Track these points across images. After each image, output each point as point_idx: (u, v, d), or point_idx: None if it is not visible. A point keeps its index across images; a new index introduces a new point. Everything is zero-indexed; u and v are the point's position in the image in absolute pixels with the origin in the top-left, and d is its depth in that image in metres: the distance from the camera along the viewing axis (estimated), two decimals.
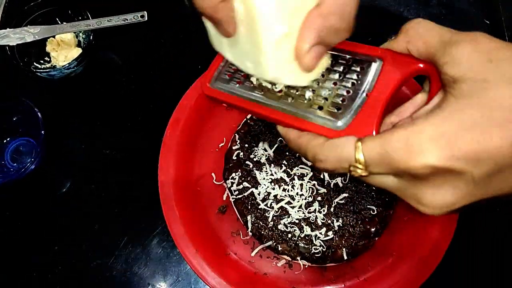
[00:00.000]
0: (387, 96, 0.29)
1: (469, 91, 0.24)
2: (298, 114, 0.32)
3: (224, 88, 0.37)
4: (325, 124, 0.30)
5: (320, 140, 0.30)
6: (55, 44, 0.62)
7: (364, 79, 0.31)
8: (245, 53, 0.32)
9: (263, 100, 0.34)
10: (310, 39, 0.29)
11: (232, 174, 0.54)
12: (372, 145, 0.26)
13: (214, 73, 0.38)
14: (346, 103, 0.31)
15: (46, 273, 0.53)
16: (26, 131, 0.58)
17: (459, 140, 0.24)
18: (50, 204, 0.57)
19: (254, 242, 0.53)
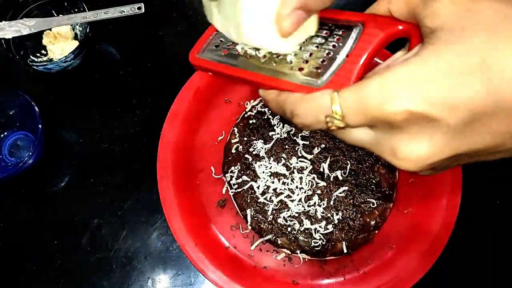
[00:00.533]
0: (367, 55, 0.29)
1: (446, 39, 0.24)
2: (279, 76, 0.32)
3: (210, 57, 0.37)
4: (304, 83, 0.31)
5: (297, 95, 0.30)
6: (52, 37, 0.62)
7: (345, 42, 0.31)
8: (228, 18, 0.33)
9: (246, 65, 0.35)
10: (293, 3, 0.29)
11: (231, 168, 0.53)
12: (348, 94, 0.26)
13: (203, 45, 0.39)
14: (325, 63, 0.31)
15: (46, 268, 0.53)
16: (23, 125, 0.58)
17: (434, 85, 0.23)
18: (49, 199, 0.56)
19: (253, 235, 0.53)
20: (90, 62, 0.62)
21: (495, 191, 0.55)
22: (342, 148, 0.53)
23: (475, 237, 0.53)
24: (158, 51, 0.63)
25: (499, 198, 0.55)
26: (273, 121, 0.55)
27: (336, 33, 0.32)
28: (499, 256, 0.53)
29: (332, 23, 0.33)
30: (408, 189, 0.54)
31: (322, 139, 0.53)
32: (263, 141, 0.54)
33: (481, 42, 0.23)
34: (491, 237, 0.53)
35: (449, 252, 0.49)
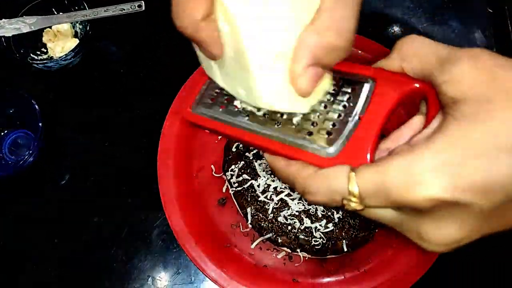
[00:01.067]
0: (381, 119, 0.27)
1: (471, 113, 0.22)
2: (286, 140, 0.29)
3: (207, 113, 0.34)
4: (315, 151, 0.28)
5: (309, 170, 0.27)
6: (52, 35, 0.62)
7: (356, 101, 0.28)
8: (235, 78, 0.29)
9: (248, 126, 0.31)
10: (305, 59, 0.26)
11: (232, 166, 0.53)
12: (367, 175, 0.24)
13: (196, 97, 0.35)
14: (337, 127, 0.28)
15: (46, 266, 0.53)
16: (23, 123, 0.58)
17: (464, 169, 0.21)
18: (49, 197, 0.56)
19: (254, 234, 0.53)
20: (90, 60, 0.62)
21: None
22: None
23: None
24: (158, 49, 0.63)
25: None
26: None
27: (345, 90, 0.29)
28: (500, 255, 0.53)
29: (338, 76, 0.30)
30: None
31: None
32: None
33: (509, 118, 0.21)
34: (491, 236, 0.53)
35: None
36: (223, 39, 0.27)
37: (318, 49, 0.26)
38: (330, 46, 0.26)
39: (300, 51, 0.26)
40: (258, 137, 0.31)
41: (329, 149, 0.27)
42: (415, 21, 0.63)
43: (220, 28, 0.26)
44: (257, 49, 0.26)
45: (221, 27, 0.26)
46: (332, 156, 0.27)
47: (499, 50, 0.61)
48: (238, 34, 0.25)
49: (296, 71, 0.26)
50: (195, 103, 0.35)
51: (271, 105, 0.28)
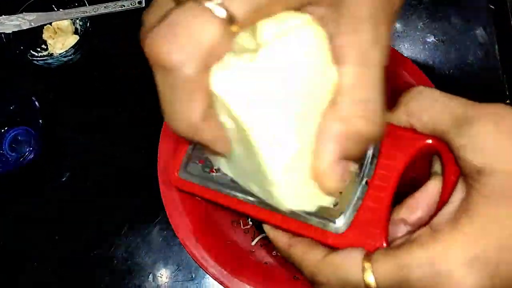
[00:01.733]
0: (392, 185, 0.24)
1: (502, 190, 0.19)
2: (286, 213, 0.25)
3: (195, 178, 0.30)
4: (321, 225, 0.25)
5: (317, 254, 0.24)
6: (52, 31, 0.61)
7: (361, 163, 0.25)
8: (247, 173, 0.25)
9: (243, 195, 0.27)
10: (331, 154, 0.21)
11: None
12: (386, 266, 0.21)
13: (183, 158, 0.31)
14: (343, 195, 0.25)
15: (46, 263, 0.53)
16: (24, 120, 0.57)
17: (501, 264, 0.19)
18: (49, 196, 0.56)
19: (254, 231, 0.53)
20: (90, 56, 0.62)
21: None
22: None
23: None
24: None
25: None
26: None
27: None
28: None
29: None
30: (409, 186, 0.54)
31: None
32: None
33: None
34: None
35: None
36: (229, 134, 0.22)
37: (344, 139, 0.21)
38: (359, 135, 0.21)
39: (324, 145, 0.21)
40: (256, 207, 0.27)
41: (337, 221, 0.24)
42: (416, 17, 0.62)
43: (223, 123, 0.22)
44: (273, 152, 0.21)
45: (225, 122, 0.22)
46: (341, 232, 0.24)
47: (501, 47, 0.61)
48: (249, 138, 0.21)
49: (322, 168, 0.22)
50: (183, 165, 0.31)
51: (294, 209, 0.24)
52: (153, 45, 0.20)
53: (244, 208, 0.28)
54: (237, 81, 0.20)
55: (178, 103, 0.21)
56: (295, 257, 0.25)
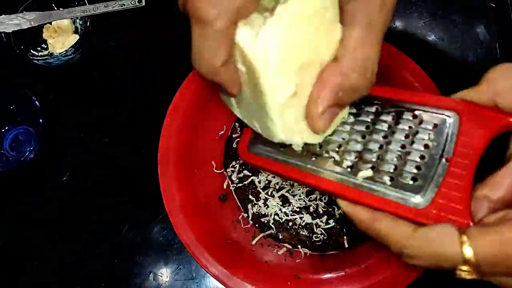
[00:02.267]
0: (473, 163, 0.24)
1: None
2: (363, 187, 0.26)
3: (264, 152, 0.32)
4: (401, 200, 0.25)
5: (405, 228, 0.24)
6: (52, 30, 0.61)
7: (440, 140, 0.25)
8: (252, 112, 0.29)
9: (314, 167, 0.29)
10: (327, 101, 0.25)
11: (233, 162, 0.53)
12: (484, 242, 0.22)
13: (252, 134, 0.33)
14: (422, 171, 0.25)
15: (46, 262, 0.53)
16: (24, 119, 0.58)
17: None
18: (49, 193, 0.56)
19: (254, 230, 0.53)
20: (90, 56, 0.62)
21: None
22: None
23: None
24: (159, 45, 0.63)
25: None
26: None
27: (425, 126, 0.26)
28: None
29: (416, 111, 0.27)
30: None
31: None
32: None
33: None
34: None
35: None
36: (241, 78, 0.26)
37: (340, 90, 0.25)
38: (353, 87, 0.25)
39: (323, 93, 0.25)
40: (331, 182, 0.28)
41: (417, 197, 0.25)
42: (417, 16, 0.62)
43: (239, 69, 0.26)
44: (274, 91, 0.25)
45: (240, 68, 0.26)
46: (422, 207, 0.24)
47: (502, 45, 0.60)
48: (257, 77, 0.25)
49: (316, 112, 0.26)
50: (251, 141, 0.33)
51: (285, 140, 0.27)
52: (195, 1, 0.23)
53: (317, 182, 0.28)
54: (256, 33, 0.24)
55: (207, 50, 0.24)
56: (380, 231, 0.26)
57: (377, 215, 0.26)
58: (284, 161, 0.30)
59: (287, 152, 0.31)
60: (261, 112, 0.27)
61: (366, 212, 0.26)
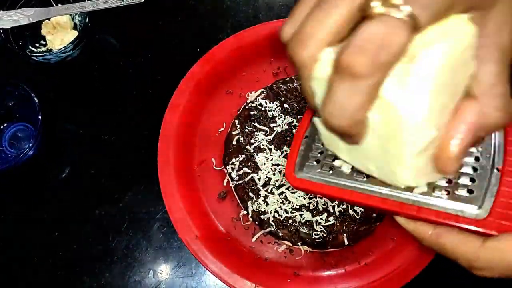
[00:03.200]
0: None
1: None
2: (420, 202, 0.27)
3: (313, 176, 0.32)
4: (460, 213, 0.26)
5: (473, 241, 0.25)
6: (51, 27, 0.61)
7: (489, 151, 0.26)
8: (369, 157, 0.28)
9: (368, 188, 0.29)
10: (466, 142, 0.24)
11: (232, 160, 0.53)
12: None
13: (296, 159, 0.33)
14: (477, 183, 0.26)
15: (47, 259, 0.53)
16: (23, 116, 0.57)
17: None
18: (49, 190, 0.56)
19: (254, 227, 0.53)
20: (89, 52, 0.61)
21: None
22: None
23: None
24: (158, 41, 0.63)
25: None
26: (274, 112, 0.54)
27: None
28: None
29: None
30: None
31: None
32: (264, 132, 0.54)
33: None
34: None
35: None
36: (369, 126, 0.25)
37: (480, 130, 0.24)
38: (495, 125, 0.24)
39: (461, 134, 0.24)
40: (387, 200, 0.28)
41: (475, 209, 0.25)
42: None
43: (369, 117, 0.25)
44: (414, 140, 0.24)
45: (371, 117, 0.25)
46: (482, 218, 0.25)
47: None
48: (396, 127, 0.24)
49: (453, 155, 0.25)
50: (298, 166, 0.33)
51: (411, 186, 0.27)
52: (350, 58, 0.22)
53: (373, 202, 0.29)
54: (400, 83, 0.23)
55: (353, 103, 0.23)
56: (446, 246, 0.27)
57: (441, 230, 0.27)
58: (335, 183, 0.31)
59: (336, 174, 0.31)
60: (386, 158, 0.26)
61: (428, 228, 0.27)
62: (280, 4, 0.64)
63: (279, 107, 0.55)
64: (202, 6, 0.64)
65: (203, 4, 0.64)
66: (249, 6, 0.64)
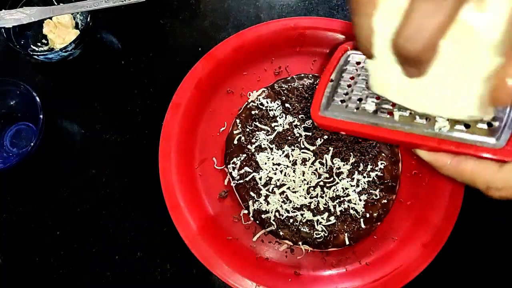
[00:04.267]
0: None
1: None
2: (441, 135, 0.29)
3: (339, 114, 0.34)
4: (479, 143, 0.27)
5: (490, 165, 0.27)
6: (52, 26, 0.61)
7: None
8: (427, 92, 0.28)
9: (392, 124, 0.31)
10: None
11: (234, 159, 0.53)
12: None
13: (322, 99, 0.35)
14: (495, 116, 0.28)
15: (48, 258, 0.54)
16: (24, 115, 0.57)
17: None
18: (50, 189, 0.56)
19: (255, 227, 0.53)
20: (91, 51, 0.62)
21: None
22: (345, 139, 0.52)
23: (478, 230, 0.53)
24: (159, 41, 0.63)
25: None
26: (276, 112, 0.54)
27: None
28: (502, 249, 0.53)
29: None
30: (411, 181, 0.54)
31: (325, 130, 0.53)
32: (266, 132, 0.54)
33: None
34: (494, 230, 0.53)
35: (452, 244, 0.49)
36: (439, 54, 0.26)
37: None
38: None
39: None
40: (409, 134, 0.30)
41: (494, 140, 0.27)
42: None
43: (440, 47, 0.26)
44: (492, 63, 0.25)
45: (442, 46, 0.25)
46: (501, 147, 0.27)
47: None
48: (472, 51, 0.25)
49: None
50: (323, 106, 0.35)
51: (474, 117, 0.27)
52: None
53: (395, 135, 0.30)
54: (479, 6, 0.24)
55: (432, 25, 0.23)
56: (466, 171, 0.28)
57: (460, 158, 0.28)
58: (360, 121, 0.33)
59: (361, 113, 0.33)
60: (452, 87, 0.27)
61: (447, 157, 0.29)
62: (282, 3, 0.64)
63: (280, 107, 0.55)
64: (204, 5, 0.64)
65: (204, 3, 0.64)
66: (250, 5, 0.64)
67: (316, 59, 0.59)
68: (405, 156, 0.54)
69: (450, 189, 0.51)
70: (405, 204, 0.53)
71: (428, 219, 0.51)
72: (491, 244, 0.53)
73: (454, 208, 0.50)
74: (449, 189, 0.51)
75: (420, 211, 0.52)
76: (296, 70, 0.58)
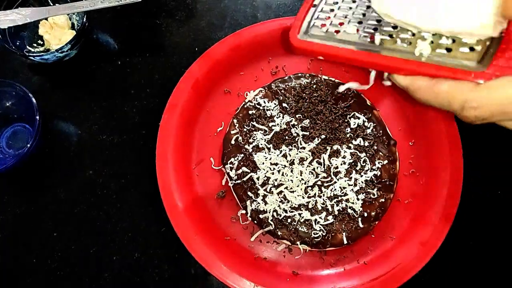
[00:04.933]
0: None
1: None
2: (420, 59, 0.28)
3: (318, 39, 0.33)
4: (460, 67, 0.27)
5: (466, 85, 0.26)
6: (48, 27, 0.61)
7: None
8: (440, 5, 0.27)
9: (371, 48, 0.30)
10: None
11: (231, 159, 0.53)
12: None
13: (302, 24, 0.34)
14: (479, 41, 0.27)
15: (45, 259, 0.53)
16: (21, 116, 0.57)
17: None
18: (47, 190, 0.56)
19: (253, 227, 0.53)
20: (87, 52, 0.61)
21: (496, 181, 0.55)
22: (343, 139, 0.52)
23: (476, 228, 0.53)
24: (156, 41, 0.63)
25: (500, 189, 0.54)
26: (273, 111, 0.54)
27: None
28: (500, 247, 0.53)
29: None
30: (409, 180, 0.54)
31: (322, 130, 0.53)
32: (263, 132, 0.53)
33: None
34: (492, 228, 0.53)
35: (449, 243, 0.49)
36: None
37: None
38: None
39: None
40: (388, 57, 0.29)
41: (475, 63, 0.26)
42: None
43: None
44: None
45: None
46: (482, 70, 0.26)
47: None
48: None
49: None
50: (303, 31, 0.34)
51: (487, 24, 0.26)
52: None
53: (374, 58, 0.30)
54: None
55: None
56: (441, 92, 0.27)
57: (436, 80, 0.27)
58: (339, 45, 0.32)
59: (340, 36, 0.32)
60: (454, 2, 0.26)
61: (424, 79, 0.28)
62: (278, 3, 0.64)
63: (278, 106, 0.54)
64: (200, 5, 0.64)
65: (201, 3, 0.64)
66: (247, 5, 0.64)
67: (313, 59, 0.59)
68: (403, 155, 0.54)
69: (448, 188, 0.51)
70: (402, 203, 0.53)
71: (426, 217, 0.51)
72: (489, 242, 0.53)
73: (452, 206, 0.50)
74: (447, 188, 0.51)
75: (418, 209, 0.52)
76: (293, 69, 0.58)
